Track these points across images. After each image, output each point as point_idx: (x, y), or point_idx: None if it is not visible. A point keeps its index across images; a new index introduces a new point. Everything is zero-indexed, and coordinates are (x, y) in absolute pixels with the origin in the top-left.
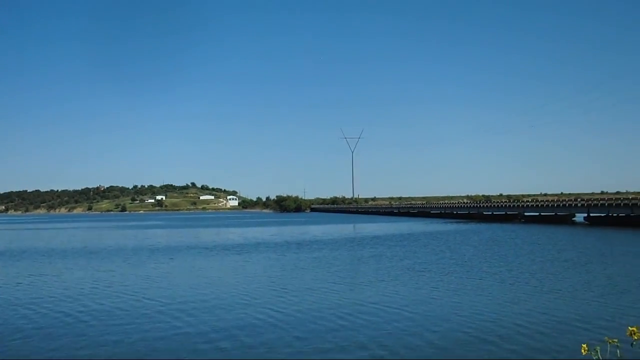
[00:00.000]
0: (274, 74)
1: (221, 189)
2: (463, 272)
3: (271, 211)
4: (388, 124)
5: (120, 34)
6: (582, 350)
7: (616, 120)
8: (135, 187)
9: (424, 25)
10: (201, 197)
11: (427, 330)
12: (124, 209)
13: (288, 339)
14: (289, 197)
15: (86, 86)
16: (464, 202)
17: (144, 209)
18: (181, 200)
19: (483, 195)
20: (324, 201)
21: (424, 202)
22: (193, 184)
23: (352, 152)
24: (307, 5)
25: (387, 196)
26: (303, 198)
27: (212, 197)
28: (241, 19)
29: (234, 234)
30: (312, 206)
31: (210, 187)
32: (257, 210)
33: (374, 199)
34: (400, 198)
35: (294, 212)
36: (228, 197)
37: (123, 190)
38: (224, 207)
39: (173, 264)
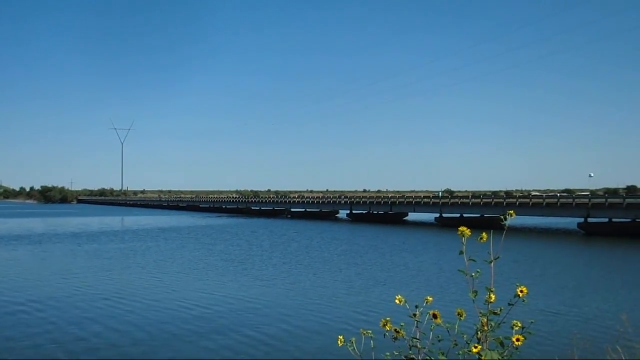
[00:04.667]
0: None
1: None
2: (255, 263)
3: (35, 202)
4: (159, 116)
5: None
6: (338, 342)
7: (372, 127)
8: None
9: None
10: None
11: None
12: None
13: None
14: (54, 187)
15: None
16: (233, 197)
17: None
18: None
19: (252, 191)
20: (91, 192)
21: (193, 196)
22: None
23: (122, 144)
24: None
25: (156, 189)
26: (70, 189)
27: None
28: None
29: (8, 225)
30: (79, 197)
31: None
32: (20, 200)
33: (143, 192)
34: (169, 191)
35: (60, 203)
36: None
37: None
38: None
39: None
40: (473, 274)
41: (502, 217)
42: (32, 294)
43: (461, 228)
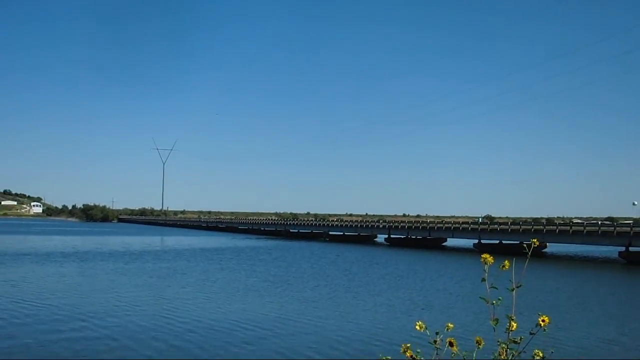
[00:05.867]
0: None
1: (25, 195)
2: (296, 285)
3: (77, 220)
4: (201, 137)
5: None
6: None
7: (413, 152)
8: None
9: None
10: (2, 203)
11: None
12: None
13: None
14: (96, 206)
15: None
16: (272, 219)
17: None
18: None
19: (291, 213)
20: (132, 212)
21: (232, 217)
22: None
23: (164, 164)
24: None
25: (196, 209)
26: (111, 208)
27: (15, 203)
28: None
29: (54, 242)
30: (120, 216)
31: (13, 192)
32: (62, 218)
33: (183, 212)
34: (209, 212)
35: (101, 221)
36: (32, 204)
37: None
38: (27, 213)
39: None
40: (494, 302)
41: (524, 245)
42: (80, 312)
43: (484, 255)
